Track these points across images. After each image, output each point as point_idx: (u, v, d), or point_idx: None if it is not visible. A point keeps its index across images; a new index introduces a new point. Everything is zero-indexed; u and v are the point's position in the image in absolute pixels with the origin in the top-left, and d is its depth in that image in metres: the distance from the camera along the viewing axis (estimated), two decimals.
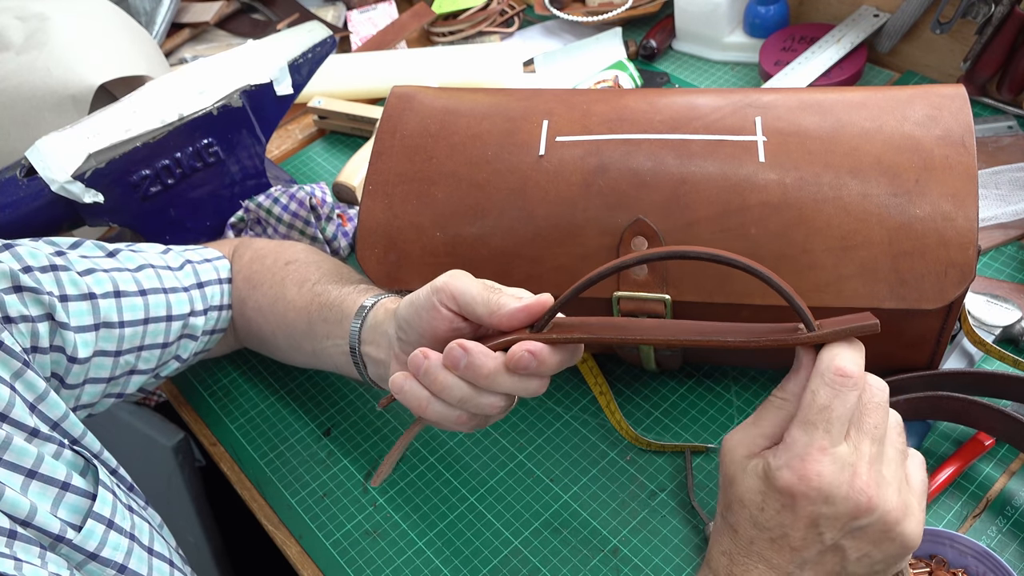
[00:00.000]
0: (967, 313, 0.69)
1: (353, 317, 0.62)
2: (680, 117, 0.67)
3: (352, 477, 0.73)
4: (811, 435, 0.43)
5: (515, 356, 0.49)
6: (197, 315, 0.69)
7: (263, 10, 1.28)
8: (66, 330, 0.58)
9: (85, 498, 0.52)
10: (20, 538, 0.46)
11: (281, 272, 0.71)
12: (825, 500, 0.43)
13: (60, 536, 0.49)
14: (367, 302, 0.63)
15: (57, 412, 0.55)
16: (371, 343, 0.61)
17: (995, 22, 0.85)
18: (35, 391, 0.53)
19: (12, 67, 0.86)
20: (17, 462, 0.49)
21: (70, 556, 0.50)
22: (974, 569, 0.57)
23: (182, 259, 0.71)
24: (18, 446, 0.49)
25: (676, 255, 0.46)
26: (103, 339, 0.62)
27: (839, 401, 0.43)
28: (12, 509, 0.47)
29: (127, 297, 0.64)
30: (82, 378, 0.61)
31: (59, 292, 0.59)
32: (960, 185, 0.60)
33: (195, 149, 0.81)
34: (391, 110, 0.73)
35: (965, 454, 0.65)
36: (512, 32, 1.20)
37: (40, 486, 0.50)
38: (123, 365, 0.65)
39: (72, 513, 0.51)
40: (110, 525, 0.53)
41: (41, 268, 0.59)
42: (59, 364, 0.59)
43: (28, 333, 0.56)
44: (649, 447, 0.70)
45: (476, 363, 0.50)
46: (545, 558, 0.65)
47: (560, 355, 0.51)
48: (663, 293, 0.63)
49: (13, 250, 0.58)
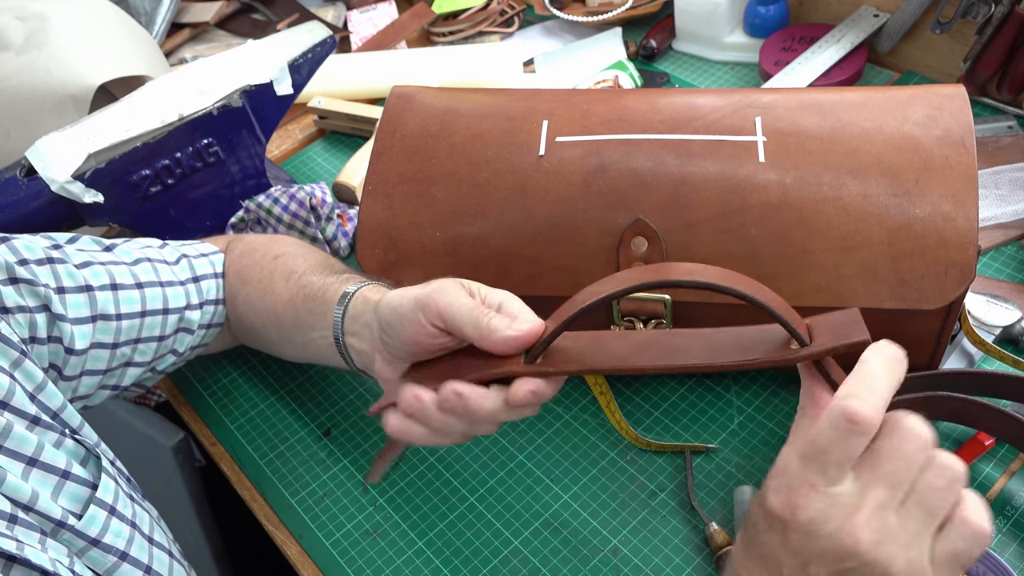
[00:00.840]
0: (967, 313, 0.69)
1: (335, 305, 0.62)
2: (680, 117, 0.67)
3: (352, 477, 0.73)
4: (805, 469, 0.41)
5: (517, 397, 0.49)
6: (193, 309, 0.69)
7: (263, 10, 1.28)
8: (63, 322, 0.59)
9: (85, 487, 0.53)
10: (21, 522, 0.47)
11: (270, 266, 0.70)
12: (807, 534, 0.40)
13: (61, 522, 0.49)
14: (349, 289, 0.62)
15: (56, 402, 0.55)
16: (353, 334, 0.61)
17: (995, 22, 0.85)
18: (34, 381, 0.54)
19: (12, 67, 0.86)
20: (18, 449, 0.49)
21: (71, 542, 0.50)
22: (974, 569, 0.57)
23: (178, 253, 0.71)
24: (19, 434, 0.49)
25: (667, 284, 0.46)
26: (100, 331, 0.62)
27: (840, 445, 0.40)
28: (14, 494, 0.47)
29: (124, 290, 0.64)
30: (79, 370, 0.62)
31: (56, 284, 0.59)
32: (960, 185, 0.60)
33: (195, 149, 0.81)
34: (391, 110, 0.73)
35: (965, 454, 0.65)
36: (512, 32, 1.20)
37: (41, 474, 0.50)
38: (119, 357, 0.65)
39: (72, 502, 0.51)
40: (112, 512, 0.53)
41: (37, 261, 0.59)
42: (57, 355, 0.59)
43: (26, 324, 0.57)
44: (649, 447, 0.70)
45: (473, 407, 0.50)
46: (545, 558, 0.65)
47: (557, 383, 0.51)
48: (663, 293, 0.64)
49: (9, 243, 0.58)
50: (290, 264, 0.70)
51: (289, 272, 0.69)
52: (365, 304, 0.59)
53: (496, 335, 0.50)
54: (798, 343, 0.46)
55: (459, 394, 0.50)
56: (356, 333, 0.60)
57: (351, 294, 0.61)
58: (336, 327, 0.61)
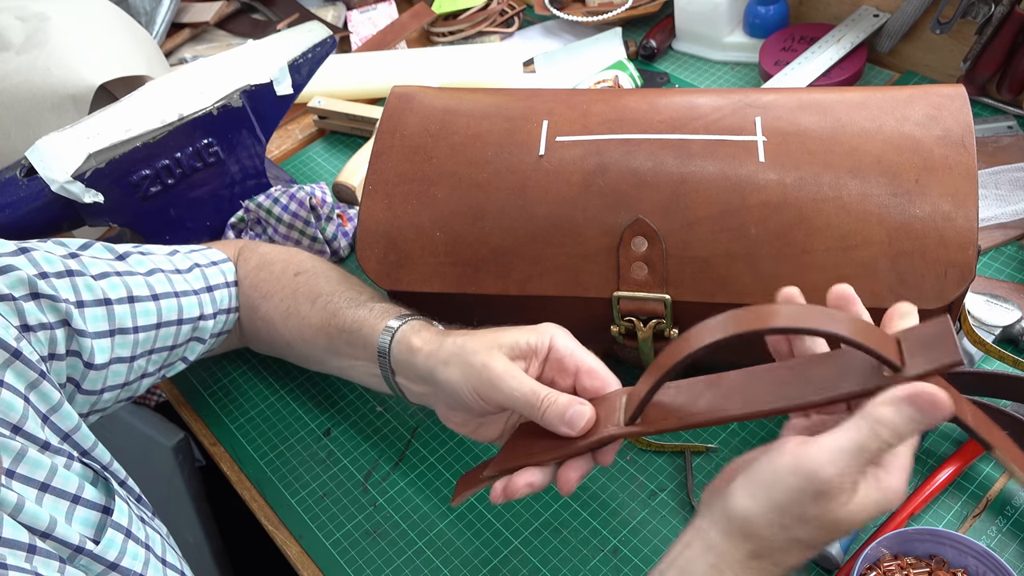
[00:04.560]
0: (967, 313, 0.69)
1: (377, 354, 0.62)
2: (680, 117, 0.67)
3: (352, 477, 0.73)
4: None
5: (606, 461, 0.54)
6: (207, 319, 0.70)
7: (263, 10, 1.28)
8: (83, 337, 0.58)
9: (96, 511, 0.52)
10: (40, 552, 0.46)
11: (292, 284, 0.71)
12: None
13: (80, 547, 0.49)
14: (388, 330, 0.62)
15: (69, 424, 0.54)
16: (404, 376, 0.62)
17: (995, 22, 0.85)
18: (49, 402, 0.53)
19: (12, 67, 0.86)
20: (31, 475, 0.49)
21: (89, 568, 0.50)
22: (974, 569, 0.57)
23: (190, 262, 0.71)
24: (32, 458, 0.49)
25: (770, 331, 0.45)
26: (119, 346, 0.62)
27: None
28: (32, 521, 0.47)
29: (140, 302, 0.64)
30: (100, 385, 0.61)
31: (75, 298, 0.59)
32: (960, 185, 0.60)
33: (195, 149, 0.81)
34: (391, 110, 0.73)
35: (965, 454, 0.65)
36: (512, 32, 1.20)
37: (53, 499, 0.50)
38: (137, 370, 0.65)
39: (85, 526, 0.51)
40: (128, 535, 0.53)
41: (57, 274, 0.58)
42: (75, 368, 0.59)
43: (46, 341, 0.56)
44: (649, 447, 0.70)
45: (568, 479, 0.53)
46: (545, 558, 0.65)
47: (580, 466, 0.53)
48: (663, 293, 0.64)
49: (29, 255, 0.57)
50: (312, 285, 0.70)
51: (315, 295, 0.69)
52: (412, 354, 0.60)
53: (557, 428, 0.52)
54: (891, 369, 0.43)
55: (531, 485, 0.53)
56: (407, 376, 0.62)
57: (391, 339, 0.62)
58: (385, 369, 0.63)
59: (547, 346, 0.55)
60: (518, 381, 0.53)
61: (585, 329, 0.59)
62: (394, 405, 0.77)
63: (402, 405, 0.77)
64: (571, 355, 0.55)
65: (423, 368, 0.58)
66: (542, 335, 0.55)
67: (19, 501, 0.46)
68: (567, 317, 0.59)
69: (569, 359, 0.55)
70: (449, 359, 0.56)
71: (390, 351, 0.61)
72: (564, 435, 0.51)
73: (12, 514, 0.46)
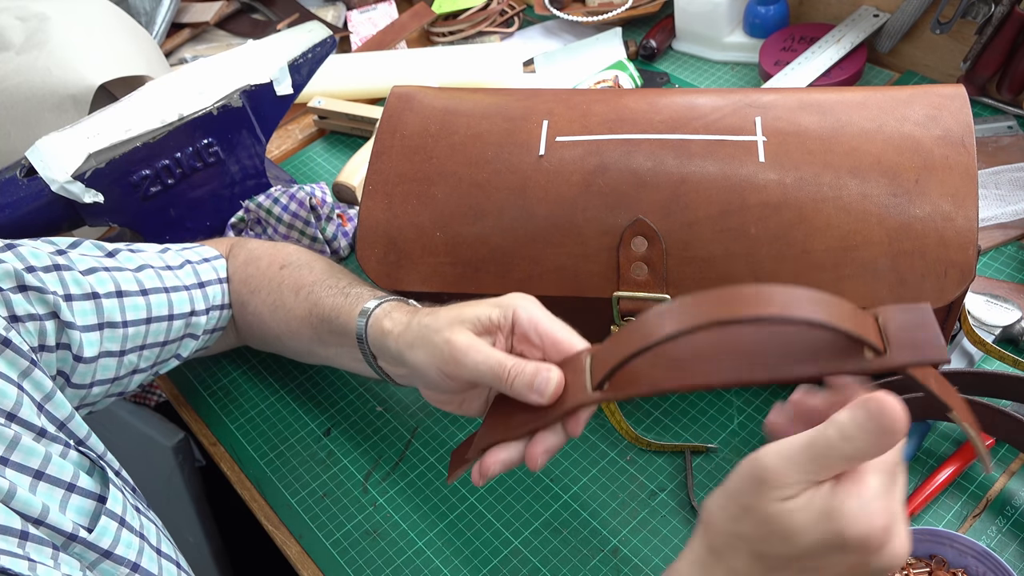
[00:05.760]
0: (967, 313, 0.69)
1: (356, 340, 0.62)
2: (680, 117, 0.67)
3: (352, 477, 0.73)
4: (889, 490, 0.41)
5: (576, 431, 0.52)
6: (199, 314, 0.70)
7: (263, 10, 1.28)
8: (72, 329, 0.59)
9: (91, 499, 0.52)
10: (32, 538, 0.46)
11: (277, 277, 0.71)
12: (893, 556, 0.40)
13: (73, 535, 0.49)
14: (360, 324, 0.62)
15: (63, 412, 0.54)
16: (384, 360, 0.62)
17: (995, 22, 0.85)
18: (43, 390, 0.54)
19: (12, 67, 0.86)
20: (25, 463, 0.49)
21: (83, 555, 0.50)
22: (974, 569, 0.57)
23: (181, 258, 0.71)
24: (26, 445, 0.49)
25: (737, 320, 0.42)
26: (108, 339, 0.62)
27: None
28: (25, 508, 0.47)
29: (129, 297, 0.64)
30: (89, 379, 0.62)
31: (63, 292, 0.59)
32: (960, 185, 0.60)
33: (195, 149, 0.81)
34: (391, 110, 0.73)
35: (965, 454, 0.65)
36: (512, 32, 1.20)
37: (47, 487, 0.50)
38: (127, 365, 0.65)
39: (80, 515, 0.51)
40: (122, 523, 0.53)
41: (44, 268, 0.59)
42: (65, 362, 0.59)
43: (36, 332, 0.56)
44: (649, 447, 0.70)
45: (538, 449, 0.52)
46: (545, 558, 0.65)
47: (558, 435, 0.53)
48: (663, 293, 0.64)
49: (15, 250, 0.58)
50: (296, 276, 0.70)
51: (297, 286, 0.69)
52: (384, 337, 0.59)
53: (526, 398, 0.51)
54: (872, 352, 0.43)
55: (504, 462, 0.52)
56: (386, 360, 0.62)
57: (367, 323, 0.61)
58: (367, 356, 0.63)
59: (511, 319, 0.54)
60: (483, 355, 0.52)
61: (585, 329, 0.59)
62: (394, 405, 0.77)
63: (402, 405, 0.77)
64: (535, 326, 0.53)
65: (395, 351, 0.58)
66: (506, 308, 0.54)
67: (11, 488, 0.46)
68: (567, 317, 0.59)
69: (533, 330, 0.53)
70: (414, 341, 0.56)
71: (367, 336, 0.61)
72: (535, 403, 0.50)
73: (3, 500, 0.46)
